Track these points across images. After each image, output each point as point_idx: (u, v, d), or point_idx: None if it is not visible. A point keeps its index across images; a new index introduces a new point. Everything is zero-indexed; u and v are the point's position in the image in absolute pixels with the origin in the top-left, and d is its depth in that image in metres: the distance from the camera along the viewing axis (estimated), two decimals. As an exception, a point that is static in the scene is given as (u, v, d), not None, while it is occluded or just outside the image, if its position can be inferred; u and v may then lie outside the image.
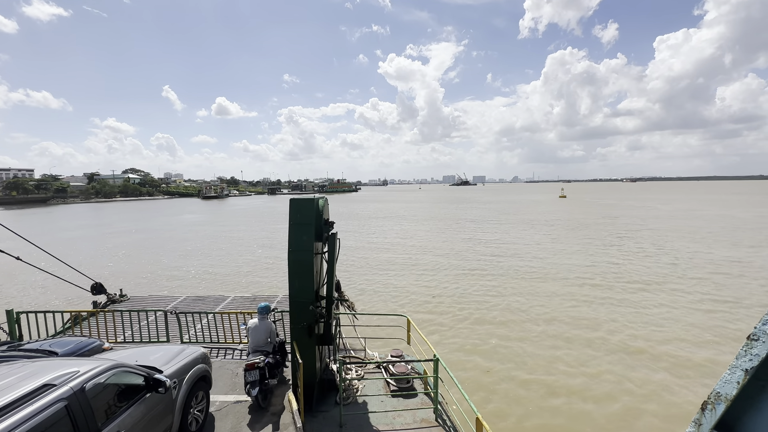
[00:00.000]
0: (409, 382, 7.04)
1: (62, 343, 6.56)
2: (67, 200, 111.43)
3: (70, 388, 3.49)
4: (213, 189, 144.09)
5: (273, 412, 6.23)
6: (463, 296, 15.94)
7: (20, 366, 3.82)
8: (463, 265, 21.64)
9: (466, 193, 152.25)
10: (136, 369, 4.48)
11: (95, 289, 11.75)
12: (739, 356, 1.46)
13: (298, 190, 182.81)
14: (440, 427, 5.92)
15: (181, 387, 5.20)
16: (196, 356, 5.83)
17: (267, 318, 6.86)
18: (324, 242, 6.76)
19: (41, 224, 50.85)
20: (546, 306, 14.57)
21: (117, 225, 48.55)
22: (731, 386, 1.47)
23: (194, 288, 18.27)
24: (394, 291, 17.01)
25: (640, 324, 12.66)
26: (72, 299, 15.56)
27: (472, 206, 72.38)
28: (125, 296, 12.55)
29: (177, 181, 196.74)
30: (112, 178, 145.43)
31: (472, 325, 12.80)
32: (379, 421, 6.06)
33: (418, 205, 79.43)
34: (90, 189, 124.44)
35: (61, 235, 38.16)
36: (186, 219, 56.18)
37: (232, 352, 8.44)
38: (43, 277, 13.37)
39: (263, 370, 6.22)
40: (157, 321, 9.78)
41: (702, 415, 1.58)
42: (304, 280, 6.18)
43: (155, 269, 22.65)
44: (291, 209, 6.18)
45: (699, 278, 18.10)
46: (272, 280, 19.50)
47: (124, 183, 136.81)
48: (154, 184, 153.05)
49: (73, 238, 35.49)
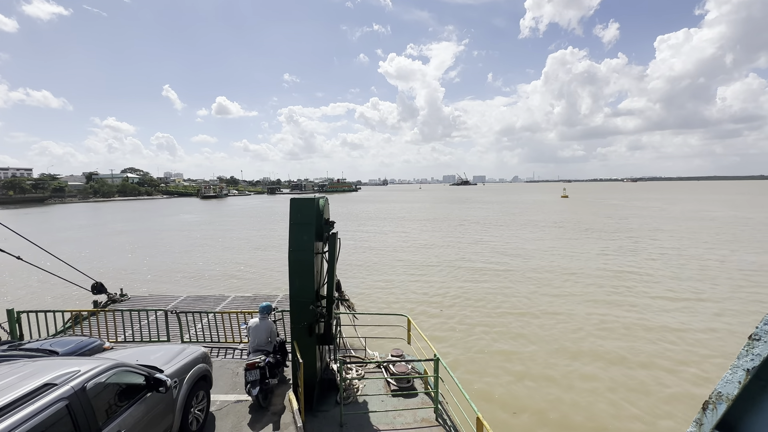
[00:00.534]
0: (409, 381, 7.05)
1: (63, 342, 6.57)
2: (65, 200, 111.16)
3: (71, 388, 3.50)
4: (212, 189, 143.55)
5: (273, 412, 6.23)
6: (471, 300, 15.73)
7: (21, 365, 3.82)
8: (471, 268, 20.81)
9: (467, 193, 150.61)
10: (137, 368, 4.48)
11: (96, 288, 11.77)
12: (740, 356, 1.46)
13: (297, 190, 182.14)
14: (441, 427, 5.92)
15: (181, 386, 5.21)
16: (197, 356, 5.84)
17: (268, 318, 6.86)
18: (324, 242, 6.77)
19: (37, 224, 50.69)
20: (570, 321, 12.96)
21: (111, 226, 48.07)
22: (733, 386, 1.47)
23: (194, 288, 18.28)
24: (396, 292, 17.01)
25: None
26: (72, 299, 15.58)
27: (475, 206, 70.53)
28: (125, 296, 12.56)
29: (176, 181, 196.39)
30: (110, 177, 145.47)
31: (480, 328, 12.80)
32: (380, 421, 6.07)
33: (419, 206, 77.36)
34: (88, 188, 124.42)
35: (58, 235, 38.17)
36: (182, 219, 55.83)
37: (232, 351, 8.45)
38: (43, 277, 13.38)
39: (264, 370, 6.22)
40: (157, 320, 9.78)
41: (703, 414, 1.58)
42: (304, 280, 6.19)
43: (154, 269, 22.66)
44: (291, 209, 6.19)
45: (743, 287, 16.39)
46: (270, 280, 19.50)
47: (122, 182, 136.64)
48: (153, 184, 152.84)
49: (66, 240, 35.28)
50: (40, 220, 56.40)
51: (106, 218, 58.69)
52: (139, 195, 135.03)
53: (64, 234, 39.63)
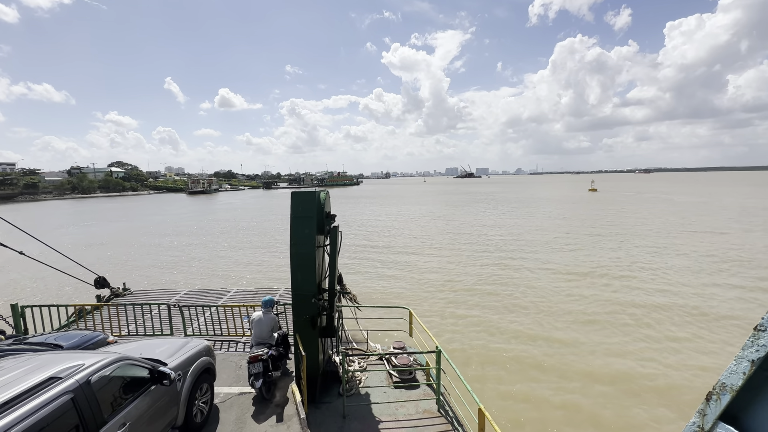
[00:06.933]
0: (411, 373, 7.10)
1: (67, 336, 6.61)
2: (38, 197, 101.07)
3: (76, 381, 3.52)
4: (201, 183, 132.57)
5: (277, 404, 6.29)
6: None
7: (26, 359, 3.85)
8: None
9: (474, 186, 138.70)
10: (141, 362, 4.51)
11: (99, 283, 11.82)
12: (745, 347, 1.45)
13: (296, 184, 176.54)
14: (442, 418, 5.98)
15: (185, 379, 5.25)
16: (200, 349, 5.88)
17: (271, 311, 6.90)
18: (326, 235, 6.78)
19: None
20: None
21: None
22: (737, 377, 1.46)
23: (197, 282, 18.36)
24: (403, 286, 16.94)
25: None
26: (76, 293, 15.69)
27: (495, 205, 55.15)
28: (128, 290, 12.64)
29: (168, 175, 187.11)
30: (92, 172, 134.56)
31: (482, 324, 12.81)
32: (382, 412, 6.12)
33: (426, 208, 55.95)
34: (65, 184, 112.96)
35: (60, 231, 38.03)
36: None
37: (235, 344, 8.51)
38: (46, 272, 13.42)
39: (267, 362, 6.27)
40: (160, 314, 9.85)
41: (707, 405, 1.57)
42: (306, 273, 6.21)
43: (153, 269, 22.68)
44: (293, 202, 6.19)
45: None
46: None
47: (105, 177, 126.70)
48: (140, 179, 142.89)
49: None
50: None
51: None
52: (124, 190, 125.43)
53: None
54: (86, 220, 49.83)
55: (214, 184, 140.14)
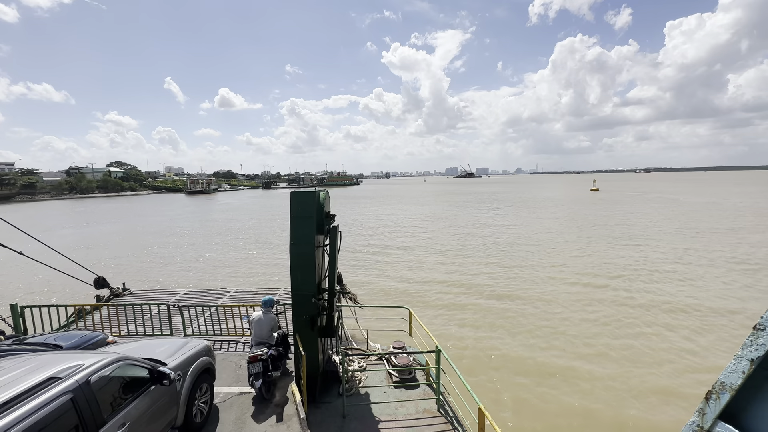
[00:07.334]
0: (411, 373, 7.11)
1: (67, 336, 6.61)
2: (36, 197, 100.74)
3: (76, 381, 3.52)
4: (200, 183, 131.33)
5: (276, 404, 6.29)
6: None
7: (25, 359, 3.85)
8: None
9: (474, 186, 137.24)
10: (141, 362, 4.50)
11: (98, 283, 11.80)
12: (744, 346, 1.46)
13: (296, 184, 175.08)
14: (442, 417, 5.98)
15: (185, 379, 5.25)
16: (200, 349, 5.88)
17: (271, 311, 6.90)
18: (325, 235, 6.77)
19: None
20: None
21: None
22: (736, 376, 1.47)
23: (196, 282, 18.35)
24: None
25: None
26: (75, 293, 15.66)
27: (502, 208, 51.74)
28: (128, 290, 12.62)
29: (167, 175, 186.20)
30: (91, 172, 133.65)
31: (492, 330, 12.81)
32: (382, 412, 6.12)
33: (427, 208, 55.09)
34: (63, 184, 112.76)
35: (59, 231, 38.00)
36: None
37: (235, 344, 8.51)
38: (45, 272, 13.41)
39: (266, 362, 6.27)
40: (160, 314, 9.84)
41: (706, 404, 1.58)
42: (306, 273, 6.20)
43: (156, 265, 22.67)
44: (292, 202, 6.19)
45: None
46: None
47: (104, 177, 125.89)
48: (139, 179, 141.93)
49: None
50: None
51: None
52: (123, 191, 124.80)
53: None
54: (85, 221, 49.74)
55: (213, 184, 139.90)
